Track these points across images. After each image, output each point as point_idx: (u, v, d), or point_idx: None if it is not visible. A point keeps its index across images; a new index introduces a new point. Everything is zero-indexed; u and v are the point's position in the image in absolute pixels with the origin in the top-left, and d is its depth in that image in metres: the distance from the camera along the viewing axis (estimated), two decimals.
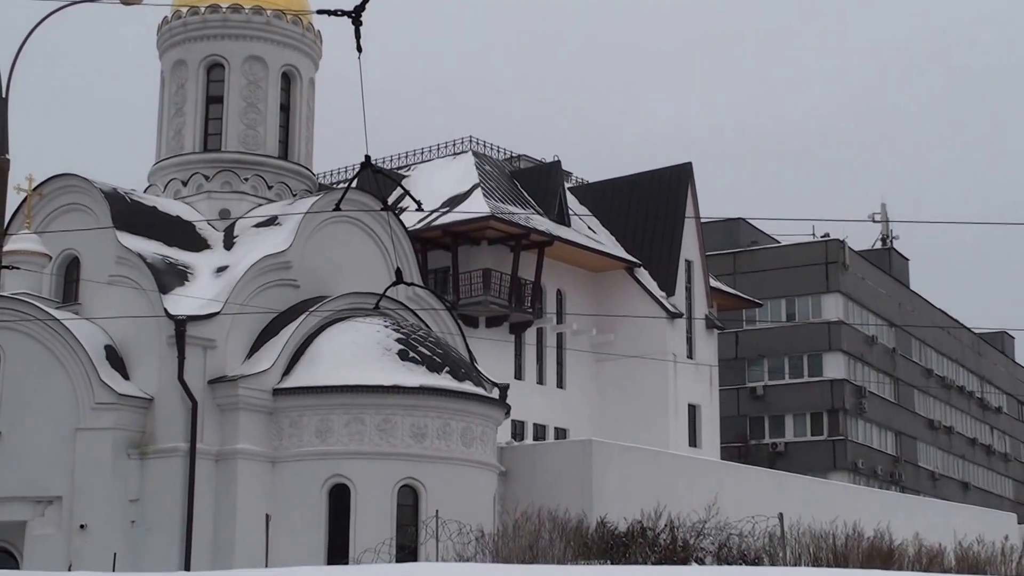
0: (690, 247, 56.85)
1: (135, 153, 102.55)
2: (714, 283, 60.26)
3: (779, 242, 79.70)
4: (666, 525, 29.93)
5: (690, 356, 56.04)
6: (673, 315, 54.76)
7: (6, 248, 29.63)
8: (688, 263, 56.65)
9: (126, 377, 34.76)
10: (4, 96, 21.76)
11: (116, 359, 34.93)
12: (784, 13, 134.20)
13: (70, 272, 37.28)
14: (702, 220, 58.93)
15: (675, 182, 57.18)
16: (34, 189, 37.34)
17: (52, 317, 34.51)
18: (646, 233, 56.51)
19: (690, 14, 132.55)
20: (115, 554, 32.88)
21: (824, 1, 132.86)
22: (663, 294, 55.04)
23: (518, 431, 50.54)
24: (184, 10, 40.49)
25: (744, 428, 74.40)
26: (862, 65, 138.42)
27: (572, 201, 56.82)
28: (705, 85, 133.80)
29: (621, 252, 55.87)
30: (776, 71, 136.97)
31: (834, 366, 74.81)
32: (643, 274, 55.50)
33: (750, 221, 79.81)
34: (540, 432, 52.43)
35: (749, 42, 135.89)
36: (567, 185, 57.57)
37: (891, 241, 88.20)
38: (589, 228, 56.20)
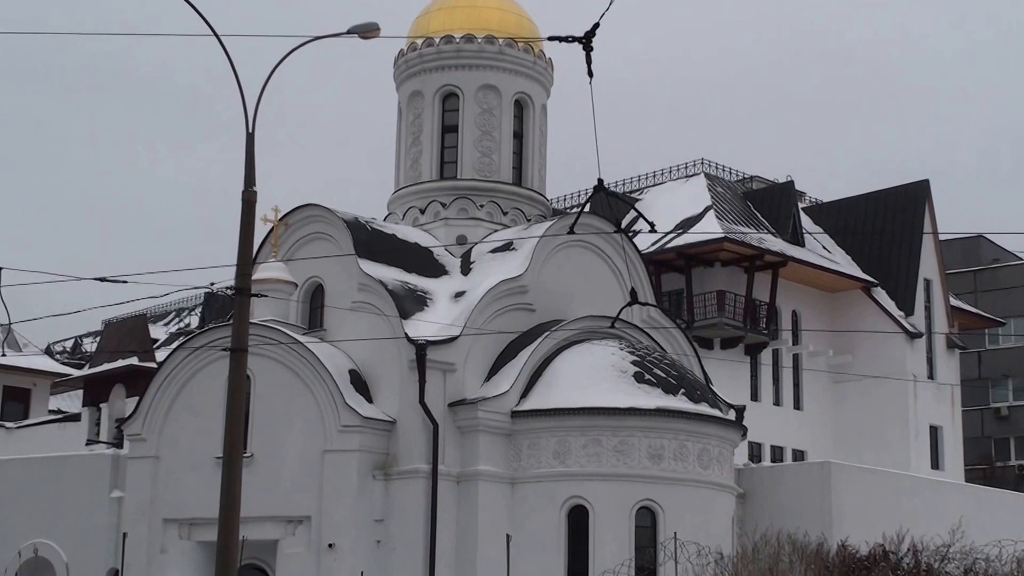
0: (929, 265, 55.72)
1: (374, 182, 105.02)
2: (954, 302, 58.95)
3: (1022, 259, 77.37)
4: (909, 549, 29.35)
5: (931, 376, 54.92)
6: (912, 335, 53.72)
7: (255, 277, 30.78)
8: (927, 282, 55.56)
9: (370, 400, 35.65)
10: (251, 131, 22.42)
11: (360, 383, 35.88)
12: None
13: (315, 299, 38.39)
14: (941, 237, 57.75)
15: (912, 199, 56.21)
16: (280, 219, 38.55)
17: (299, 342, 35.60)
18: (883, 252, 55.64)
19: (923, 29, 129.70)
20: (362, 573, 33.78)
21: None
22: (901, 314, 54.07)
23: (755, 453, 50.20)
24: (419, 42, 41.47)
25: (989, 450, 72.33)
26: None
27: (806, 221, 56.29)
28: (941, 100, 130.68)
29: (857, 272, 55.09)
30: (1011, 82, 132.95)
31: None
32: (880, 294, 54.62)
33: (991, 238, 77.80)
34: (777, 454, 51.98)
35: (983, 55, 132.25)
36: (801, 205, 57.07)
37: None
38: (824, 248, 55.56)
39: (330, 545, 34.21)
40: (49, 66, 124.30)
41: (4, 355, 36.27)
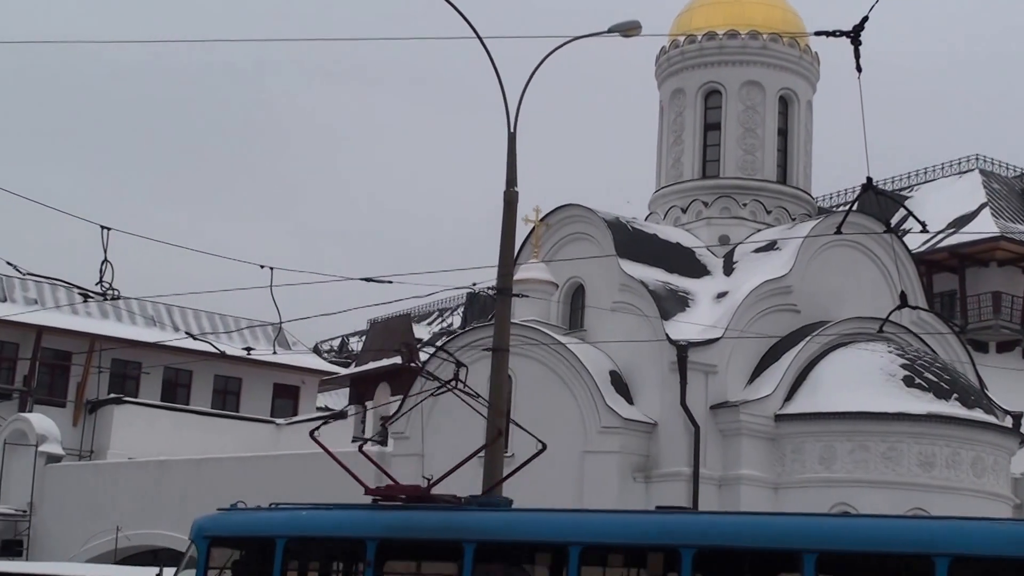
0: None
1: (634, 181, 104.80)
2: None
3: None
4: None
5: None
6: None
7: (516, 277, 30.80)
8: None
9: (630, 402, 35.37)
10: (512, 131, 22.43)
11: (620, 384, 35.63)
12: None
13: (576, 299, 38.33)
14: None
15: None
16: (541, 220, 38.61)
17: (559, 343, 35.56)
18: None
19: None
20: None
21: None
22: None
23: None
24: (681, 39, 41.04)
25: None
26: None
27: None
28: None
29: None
30: None
31: None
32: None
33: None
34: None
35: None
36: None
37: None
38: None
39: None
40: (319, 67, 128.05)
41: (275, 353, 37.23)
